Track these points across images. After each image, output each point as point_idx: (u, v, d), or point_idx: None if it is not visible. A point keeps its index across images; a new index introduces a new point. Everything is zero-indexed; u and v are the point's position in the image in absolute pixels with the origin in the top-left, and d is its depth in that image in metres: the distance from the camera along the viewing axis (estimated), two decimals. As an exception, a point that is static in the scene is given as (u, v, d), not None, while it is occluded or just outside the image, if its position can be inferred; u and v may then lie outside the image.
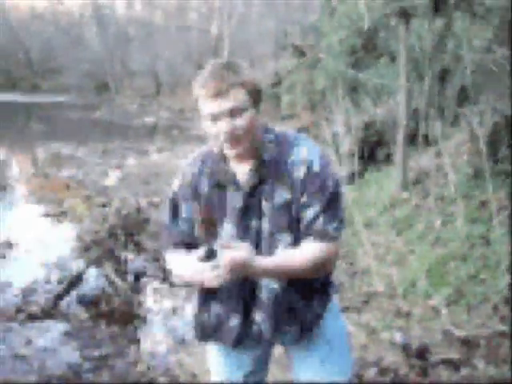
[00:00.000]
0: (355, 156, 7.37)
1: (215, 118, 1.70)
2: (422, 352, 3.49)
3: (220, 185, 1.83)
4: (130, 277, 5.50)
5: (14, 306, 4.77)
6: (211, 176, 1.84)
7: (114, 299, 4.92)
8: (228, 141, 1.72)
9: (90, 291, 5.14)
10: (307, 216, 1.75)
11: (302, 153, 1.77)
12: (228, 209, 1.80)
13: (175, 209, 1.91)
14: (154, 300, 5.10)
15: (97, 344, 4.17)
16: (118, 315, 4.67)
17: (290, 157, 1.77)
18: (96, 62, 32.66)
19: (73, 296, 5.04)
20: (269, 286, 1.83)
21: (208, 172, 1.85)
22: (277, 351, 2.26)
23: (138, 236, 6.45)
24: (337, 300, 2.06)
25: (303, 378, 1.97)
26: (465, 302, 4.01)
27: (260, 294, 1.85)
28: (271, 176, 1.78)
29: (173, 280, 5.33)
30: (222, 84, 1.67)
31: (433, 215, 5.39)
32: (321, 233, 1.74)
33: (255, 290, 1.85)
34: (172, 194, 1.93)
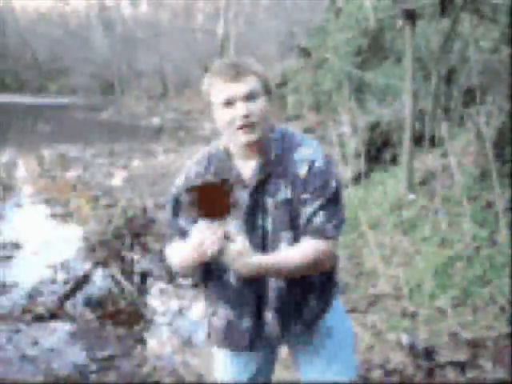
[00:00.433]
0: (361, 157, 7.36)
1: (230, 103, 1.73)
2: (429, 353, 3.49)
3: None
4: (136, 278, 5.51)
5: (21, 307, 4.79)
6: (216, 174, 1.85)
7: (120, 300, 4.93)
8: (243, 126, 1.73)
9: (97, 292, 5.16)
10: (306, 213, 1.77)
11: (306, 152, 1.80)
12: (234, 207, 1.81)
13: (177, 206, 1.92)
14: (160, 301, 5.11)
15: (103, 345, 4.18)
16: (125, 316, 4.68)
17: (294, 155, 1.80)
18: (103, 64, 32.78)
19: (79, 297, 5.06)
20: (276, 285, 1.84)
21: (213, 170, 1.86)
22: (281, 351, 2.26)
23: (144, 237, 6.47)
24: (340, 300, 2.07)
25: (310, 378, 1.98)
26: (471, 304, 4.00)
27: (269, 294, 1.86)
28: (275, 174, 1.80)
29: (176, 274, 5.35)
30: (240, 69, 1.73)
31: (439, 216, 5.37)
32: (319, 230, 1.76)
33: (264, 290, 1.86)
34: (175, 191, 1.93)
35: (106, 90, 32.20)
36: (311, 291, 1.89)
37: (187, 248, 1.68)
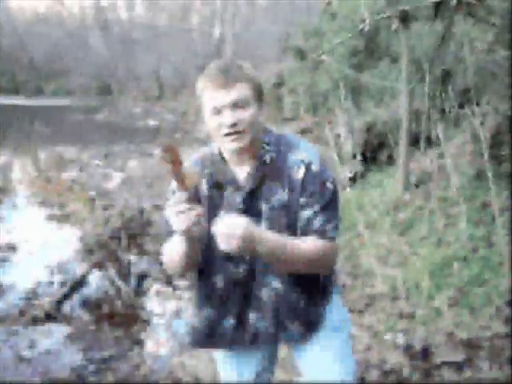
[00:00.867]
0: (357, 158, 7.37)
1: (219, 110, 1.71)
2: (425, 353, 3.49)
3: (220, 186, 1.83)
4: (133, 279, 5.51)
5: (17, 309, 4.78)
6: (211, 177, 1.84)
7: (117, 302, 4.93)
8: (230, 134, 1.71)
9: (93, 294, 5.16)
10: (305, 216, 1.76)
11: (301, 154, 1.79)
12: (228, 210, 1.79)
13: None
14: (157, 302, 5.11)
15: (100, 347, 4.18)
16: (121, 318, 4.68)
17: (289, 158, 1.78)
18: (100, 65, 32.76)
19: (76, 299, 5.06)
20: (271, 285, 1.83)
21: (208, 173, 1.85)
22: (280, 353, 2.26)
23: (141, 238, 6.47)
24: (340, 300, 2.07)
25: (313, 378, 1.97)
26: (468, 304, 4.01)
27: (259, 293, 1.85)
28: (270, 177, 1.78)
29: (172, 276, 5.36)
30: (228, 77, 1.70)
31: (435, 217, 5.39)
32: (319, 232, 1.75)
33: (252, 290, 1.85)
34: (171, 194, 1.90)
35: (103, 92, 32.17)
36: (309, 291, 1.88)
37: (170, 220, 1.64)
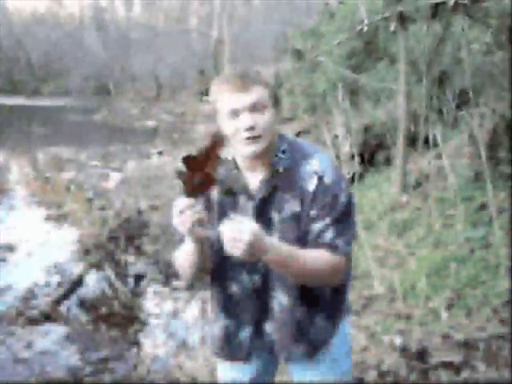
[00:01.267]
0: (355, 159, 7.38)
1: (236, 113, 1.67)
2: (422, 355, 3.50)
3: (231, 193, 1.79)
4: (131, 280, 5.50)
5: (15, 310, 4.77)
6: (223, 183, 1.79)
7: (115, 302, 4.92)
8: (248, 138, 1.68)
9: (91, 294, 5.15)
10: (316, 229, 1.70)
11: (314, 164, 1.73)
12: None
13: None
14: (155, 303, 5.11)
15: (97, 347, 4.17)
16: (119, 318, 4.67)
17: (302, 168, 1.73)
18: (97, 66, 32.74)
19: (73, 299, 5.05)
20: (278, 299, 1.80)
21: (220, 179, 1.78)
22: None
23: (139, 239, 6.46)
24: (348, 322, 2.04)
25: None
26: (465, 305, 4.01)
27: (271, 305, 1.81)
28: (282, 187, 1.74)
29: (171, 276, 5.37)
30: (246, 79, 1.67)
31: (433, 218, 5.39)
32: (329, 246, 1.69)
33: (267, 301, 1.81)
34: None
35: (101, 92, 32.13)
36: (318, 310, 1.84)
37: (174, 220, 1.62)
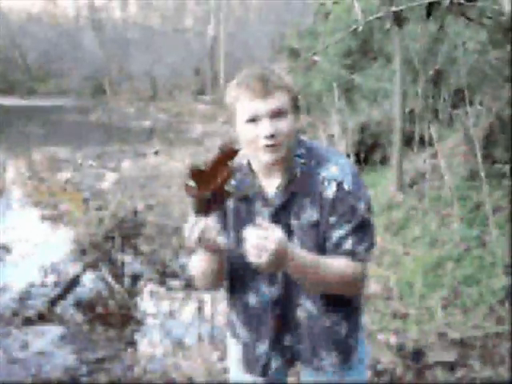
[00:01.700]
0: (351, 158, 7.38)
1: (256, 119, 1.61)
2: (418, 353, 3.50)
3: (247, 199, 1.74)
4: (127, 280, 5.50)
5: (11, 310, 4.76)
6: (238, 188, 1.74)
7: (111, 302, 4.92)
8: (268, 145, 1.61)
9: (87, 294, 5.14)
10: (335, 236, 1.66)
11: (333, 170, 1.67)
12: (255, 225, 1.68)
13: None
14: (151, 303, 5.10)
15: (93, 347, 4.16)
16: (115, 318, 4.66)
17: (321, 174, 1.67)
18: (93, 66, 32.66)
19: (69, 299, 5.04)
20: (305, 307, 1.75)
21: (235, 185, 1.73)
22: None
23: (135, 239, 6.46)
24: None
25: None
26: (461, 304, 4.02)
27: (296, 317, 1.76)
28: (300, 193, 1.68)
29: (173, 278, 5.38)
30: (267, 85, 1.60)
31: (429, 217, 5.40)
32: (350, 253, 1.65)
33: (287, 311, 1.77)
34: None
35: (97, 92, 32.07)
36: (346, 316, 1.79)
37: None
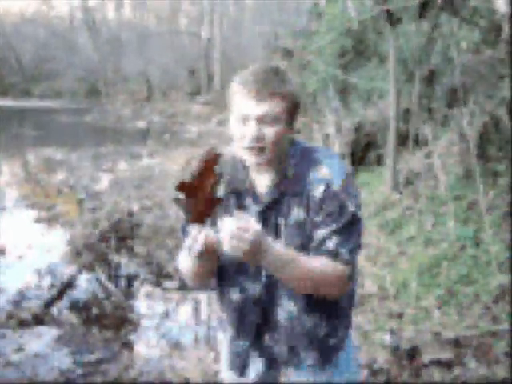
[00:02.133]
0: (346, 157, 7.39)
1: (245, 120, 1.63)
2: (414, 353, 3.51)
3: (237, 194, 1.74)
4: (123, 281, 5.49)
5: (6, 312, 4.74)
6: (229, 183, 1.74)
7: (107, 304, 4.91)
8: (251, 147, 1.63)
9: (82, 296, 5.13)
10: (319, 235, 1.65)
11: (322, 171, 1.68)
12: None
13: None
14: (147, 304, 5.10)
15: (89, 349, 4.15)
16: (111, 320, 4.66)
17: (311, 174, 1.68)
18: (88, 67, 32.59)
19: (65, 301, 5.03)
20: (286, 307, 1.75)
21: (227, 179, 1.74)
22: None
23: (131, 240, 6.44)
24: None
25: None
26: (456, 303, 4.03)
27: (276, 316, 1.77)
28: (289, 192, 1.69)
29: (169, 279, 5.37)
30: (265, 89, 1.61)
31: (424, 216, 5.41)
32: (332, 253, 1.64)
33: (270, 312, 1.77)
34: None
35: (91, 93, 32.01)
36: (328, 317, 1.78)
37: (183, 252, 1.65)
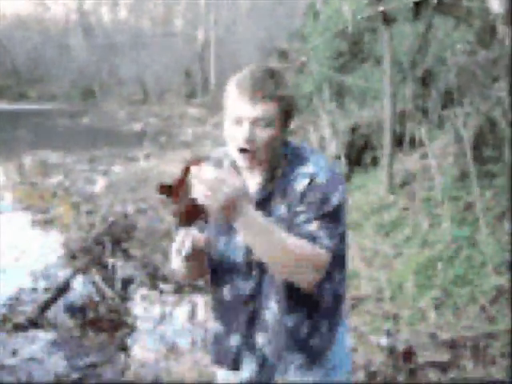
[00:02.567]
0: (342, 159, 7.39)
1: (239, 122, 1.63)
2: (410, 354, 3.50)
3: None
4: (118, 284, 5.47)
5: (0, 316, 4.72)
6: None
7: (102, 307, 4.89)
8: (243, 149, 1.64)
9: (78, 299, 5.11)
10: (299, 221, 1.63)
11: (309, 167, 1.69)
12: None
13: None
14: (143, 307, 5.08)
15: (84, 353, 4.14)
16: (106, 323, 4.64)
17: (296, 172, 1.69)
18: (83, 70, 32.59)
19: (60, 304, 5.01)
20: (269, 306, 1.73)
21: None
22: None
23: (126, 243, 6.43)
24: (347, 327, 1.91)
25: None
26: (452, 304, 4.03)
27: (264, 316, 1.75)
28: (278, 191, 1.70)
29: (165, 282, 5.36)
30: (259, 92, 1.61)
31: (420, 217, 5.41)
32: (310, 236, 1.60)
33: (259, 311, 1.76)
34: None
35: (87, 96, 32.00)
36: (313, 318, 1.75)
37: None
